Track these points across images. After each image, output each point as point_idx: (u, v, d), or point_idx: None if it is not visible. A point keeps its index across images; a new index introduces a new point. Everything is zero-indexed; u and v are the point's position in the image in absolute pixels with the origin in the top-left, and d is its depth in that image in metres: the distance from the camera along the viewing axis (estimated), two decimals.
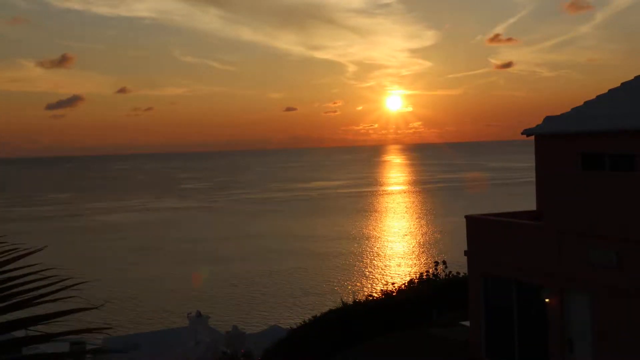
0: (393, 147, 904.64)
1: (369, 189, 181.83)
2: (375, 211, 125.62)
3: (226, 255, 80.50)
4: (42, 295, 2.85)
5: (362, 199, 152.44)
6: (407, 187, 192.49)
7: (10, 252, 3.04)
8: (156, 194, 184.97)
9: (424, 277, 30.54)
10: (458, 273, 29.96)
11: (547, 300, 19.82)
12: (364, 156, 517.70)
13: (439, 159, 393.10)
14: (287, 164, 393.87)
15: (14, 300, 2.82)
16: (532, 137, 22.39)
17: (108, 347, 32.57)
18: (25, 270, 2.96)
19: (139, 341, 38.92)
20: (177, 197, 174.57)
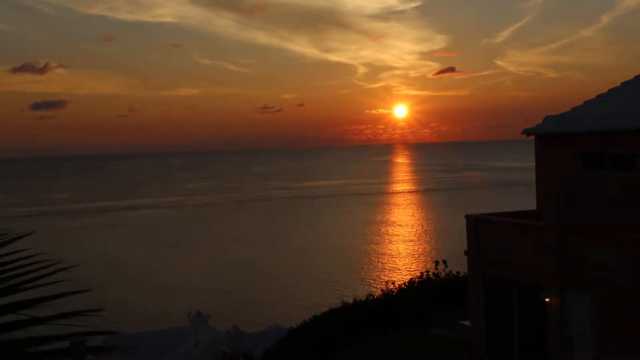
0: (396, 147, 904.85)
1: (369, 189, 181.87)
2: (375, 210, 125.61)
3: (227, 254, 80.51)
4: (33, 279, 2.83)
5: (361, 198, 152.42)
6: (406, 186, 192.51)
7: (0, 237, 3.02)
8: (166, 192, 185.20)
9: (424, 276, 30.51)
10: (458, 272, 29.93)
11: (547, 300, 19.79)
12: (366, 156, 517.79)
13: (441, 159, 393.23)
14: (283, 164, 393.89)
15: (4, 285, 2.81)
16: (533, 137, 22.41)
17: (107, 347, 32.45)
18: (16, 256, 2.94)
19: (139, 341, 38.88)
20: (188, 195, 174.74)
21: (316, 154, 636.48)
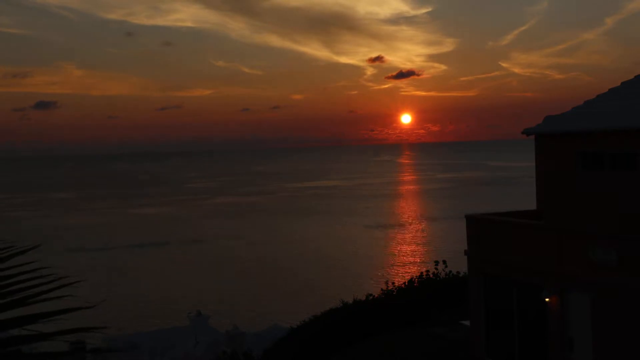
0: (399, 147, 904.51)
1: (369, 188, 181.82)
2: (375, 210, 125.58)
3: (227, 254, 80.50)
4: (38, 294, 2.84)
5: (362, 197, 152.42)
6: (407, 185, 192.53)
7: (4, 251, 3.02)
8: (170, 191, 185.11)
9: (424, 276, 30.50)
10: (458, 272, 29.92)
11: (547, 300, 19.80)
12: (372, 156, 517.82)
13: (444, 158, 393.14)
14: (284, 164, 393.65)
15: (9, 299, 2.81)
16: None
17: (108, 347, 32.57)
18: (21, 269, 2.95)
19: (139, 341, 38.92)
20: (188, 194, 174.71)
21: (338, 153, 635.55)
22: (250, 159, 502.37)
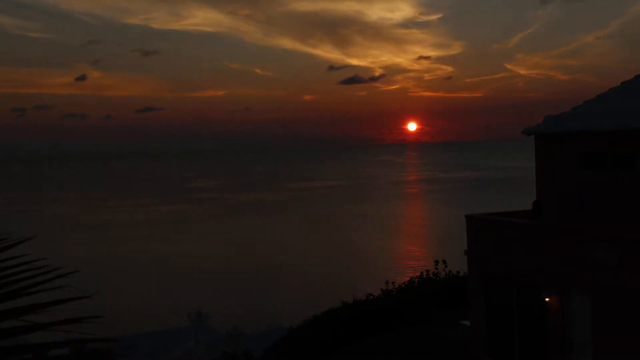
0: (402, 147, 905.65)
1: (369, 188, 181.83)
2: (376, 210, 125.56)
3: (226, 255, 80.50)
4: (32, 285, 2.84)
5: (362, 197, 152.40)
6: (408, 185, 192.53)
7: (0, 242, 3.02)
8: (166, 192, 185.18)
9: (424, 276, 30.52)
10: (458, 272, 29.93)
11: (547, 300, 19.79)
12: (372, 156, 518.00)
13: (446, 158, 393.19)
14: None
15: (4, 290, 2.81)
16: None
17: (107, 347, 32.51)
18: (16, 261, 2.95)
19: (139, 341, 38.94)
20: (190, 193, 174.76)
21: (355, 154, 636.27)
22: (252, 159, 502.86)
